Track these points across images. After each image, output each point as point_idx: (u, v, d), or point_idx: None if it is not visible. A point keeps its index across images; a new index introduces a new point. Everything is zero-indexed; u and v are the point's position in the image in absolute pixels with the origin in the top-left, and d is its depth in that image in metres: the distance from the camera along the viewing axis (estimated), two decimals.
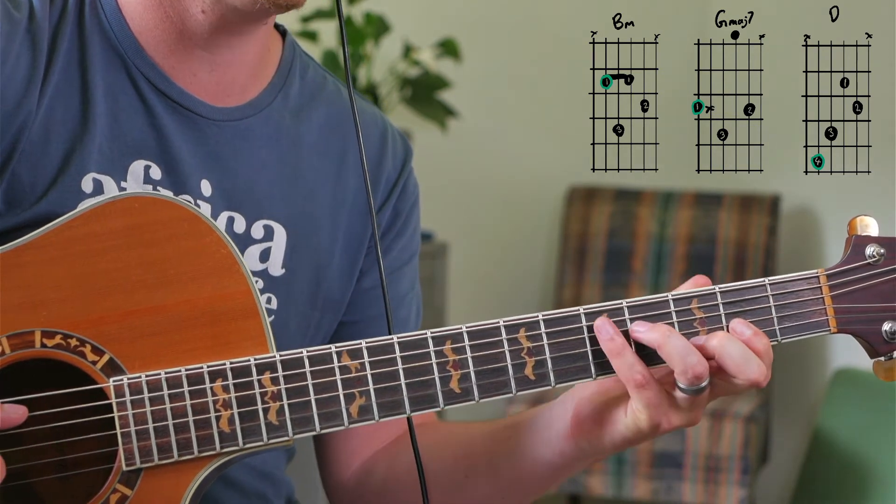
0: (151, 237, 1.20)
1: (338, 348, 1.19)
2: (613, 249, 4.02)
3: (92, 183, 1.28)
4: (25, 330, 1.16)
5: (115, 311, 1.18)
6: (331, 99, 1.44)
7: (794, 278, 1.26)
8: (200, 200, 1.33)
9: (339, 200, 1.41)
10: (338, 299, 1.42)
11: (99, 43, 1.30)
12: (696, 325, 1.23)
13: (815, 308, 1.26)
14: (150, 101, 1.31)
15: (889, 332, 1.26)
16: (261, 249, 1.36)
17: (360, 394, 1.19)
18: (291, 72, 1.41)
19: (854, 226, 1.28)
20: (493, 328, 1.21)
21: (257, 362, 1.18)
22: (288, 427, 1.18)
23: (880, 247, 1.27)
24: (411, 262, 1.48)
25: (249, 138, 1.35)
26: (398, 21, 3.76)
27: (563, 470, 1.33)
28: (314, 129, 1.41)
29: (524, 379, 1.21)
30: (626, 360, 1.21)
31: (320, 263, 1.40)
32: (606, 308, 1.23)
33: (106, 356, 1.17)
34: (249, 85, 1.37)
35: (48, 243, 1.18)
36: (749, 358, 1.20)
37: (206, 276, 1.20)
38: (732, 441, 3.57)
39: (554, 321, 1.22)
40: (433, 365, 1.20)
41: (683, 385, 1.20)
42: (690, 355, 1.19)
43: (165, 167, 1.31)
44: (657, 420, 1.22)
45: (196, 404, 1.17)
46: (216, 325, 1.20)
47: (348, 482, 1.46)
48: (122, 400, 1.16)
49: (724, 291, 1.24)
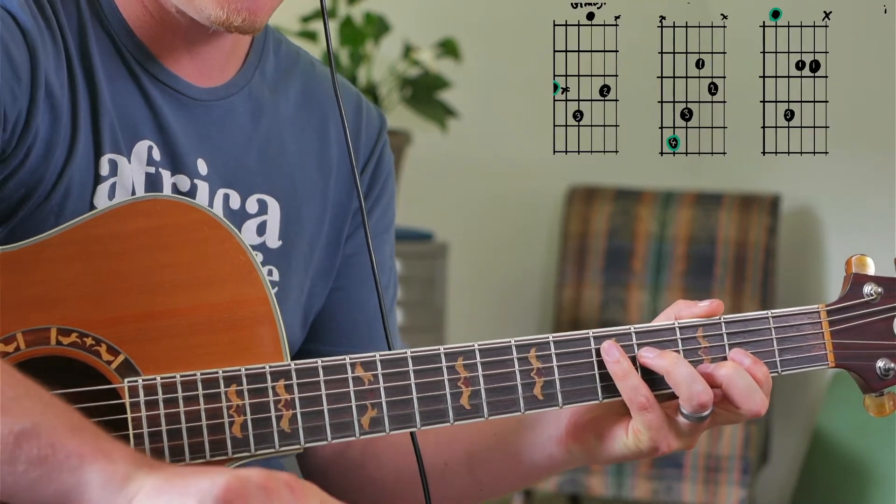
0: (171, 240, 1.20)
1: (352, 359, 1.20)
2: (613, 249, 4.02)
3: (108, 164, 1.28)
4: (41, 326, 1.16)
5: (132, 312, 1.18)
6: (305, 72, 1.46)
7: (796, 312, 1.30)
8: (198, 180, 1.33)
9: (326, 171, 1.43)
10: (328, 267, 1.44)
11: (93, 26, 1.31)
12: (700, 353, 1.26)
13: (815, 342, 1.30)
14: (143, 82, 1.32)
15: (883, 369, 1.30)
16: (257, 223, 1.37)
17: (372, 406, 1.20)
18: (265, 48, 1.43)
19: (851, 264, 1.32)
20: (505, 347, 1.23)
21: (272, 370, 1.18)
22: (300, 435, 1.18)
23: (877, 286, 1.31)
24: (389, 230, 1.50)
25: (234, 116, 1.37)
26: (398, 21, 3.77)
27: (548, 471, 1.35)
28: (291, 103, 1.43)
29: (533, 398, 1.23)
30: (631, 383, 1.24)
31: (312, 233, 1.41)
32: (615, 333, 1.25)
33: (121, 357, 1.17)
34: (227, 65, 1.38)
35: (68, 241, 1.18)
36: (754, 389, 1.24)
37: (224, 282, 1.20)
38: (732, 441, 3.57)
39: (563, 343, 1.25)
40: (445, 381, 1.21)
41: (687, 412, 1.23)
42: (696, 384, 1.22)
43: (163, 148, 1.32)
44: (657, 442, 1.25)
45: (210, 409, 1.17)
46: (232, 330, 1.20)
47: (323, 450, 1.46)
48: (135, 401, 1.15)
49: (728, 322, 1.28)
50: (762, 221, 3.94)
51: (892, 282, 1.32)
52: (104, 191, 1.27)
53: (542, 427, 1.33)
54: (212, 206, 1.33)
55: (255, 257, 1.22)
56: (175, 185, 1.32)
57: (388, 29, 3.68)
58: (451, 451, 1.39)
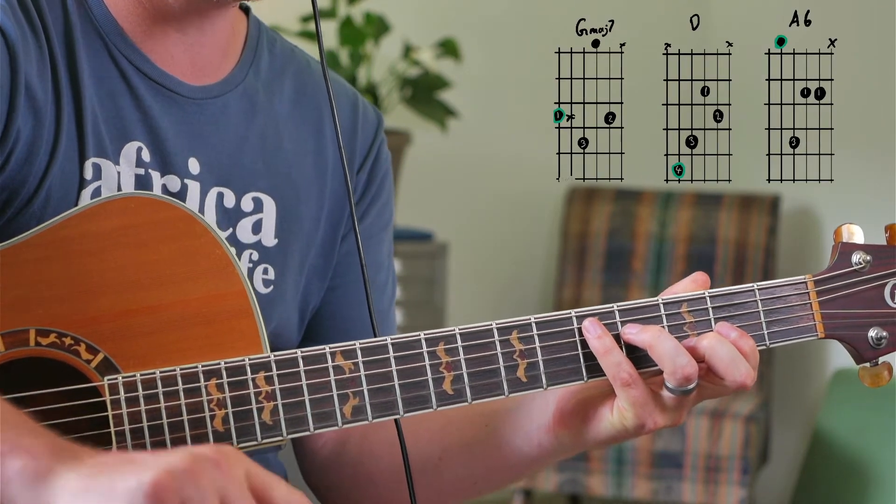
0: (147, 237, 1.20)
1: (332, 349, 1.19)
2: (613, 249, 4.02)
3: (92, 168, 1.28)
4: (20, 328, 1.16)
5: (110, 310, 1.18)
6: (300, 70, 1.46)
7: (782, 284, 1.28)
8: (189, 180, 1.33)
9: (321, 169, 1.43)
10: (324, 265, 1.44)
11: (81, 26, 1.30)
12: (685, 328, 1.25)
13: (803, 313, 1.28)
14: (133, 82, 1.32)
15: (875, 338, 1.29)
16: (252, 221, 1.37)
17: (353, 394, 1.19)
18: (259, 46, 1.42)
19: (840, 233, 1.31)
20: (486, 330, 1.22)
21: (252, 362, 1.18)
22: (282, 427, 1.18)
23: (866, 254, 1.29)
24: (387, 229, 1.50)
25: (228, 114, 1.37)
26: (398, 21, 3.76)
27: (539, 461, 1.34)
28: (286, 101, 1.43)
29: (516, 381, 1.22)
30: (614, 359, 1.22)
31: (309, 231, 1.41)
32: (598, 311, 1.24)
33: (100, 355, 1.17)
34: (222, 63, 1.38)
35: (44, 242, 1.18)
36: (737, 360, 1.22)
37: (201, 277, 1.20)
38: (732, 441, 3.58)
39: (546, 324, 1.24)
40: (426, 366, 1.21)
41: (672, 385, 1.22)
42: (680, 356, 1.21)
43: (153, 148, 1.32)
44: (643, 419, 1.23)
45: (190, 403, 1.16)
46: (211, 325, 1.20)
47: (321, 451, 1.47)
48: (116, 398, 1.15)
49: (713, 296, 1.26)
50: (762, 221, 3.94)
51: (882, 249, 1.30)
52: (87, 195, 1.27)
53: (530, 417, 1.32)
54: (204, 205, 1.33)
55: (232, 250, 1.22)
56: (165, 185, 1.31)
57: (388, 29, 3.67)
58: (445, 442, 1.39)
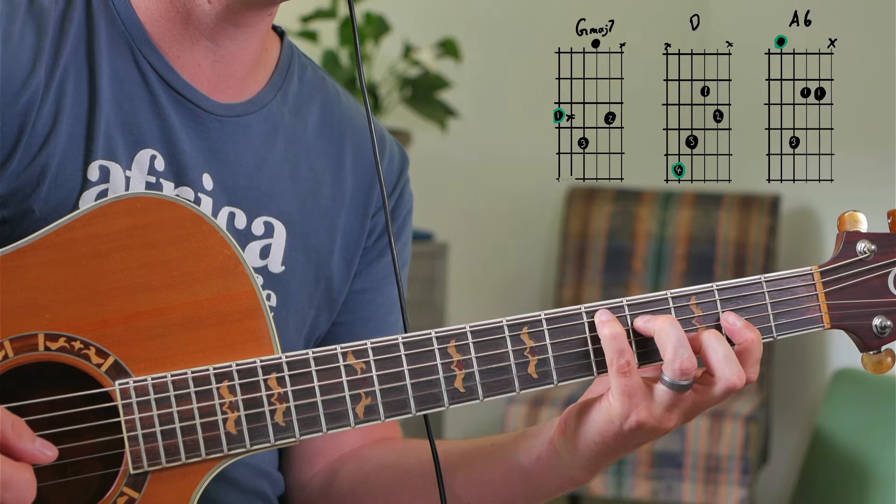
0: (155, 238, 1.19)
1: (343, 349, 1.19)
2: (613, 249, 4.02)
3: (98, 170, 1.28)
4: (29, 333, 1.15)
5: (119, 313, 1.17)
6: (328, 99, 1.45)
7: (789, 275, 1.28)
8: (202, 194, 1.33)
9: (338, 202, 1.42)
10: (334, 299, 1.43)
11: (106, 29, 1.30)
12: (694, 322, 1.25)
13: (810, 304, 1.28)
14: (155, 90, 1.31)
15: (879, 327, 1.29)
16: (261, 246, 1.36)
17: (365, 394, 1.19)
18: (290, 71, 1.42)
19: (844, 221, 1.31)
20: (497, 327, 1.22)
21: (263, 364, 1.18)
22: (295, 428, 1.18)
23: (871, 243, 1.29)
24: (404, 269, 1.49)
25: (249, 135, 1.36)
26: (398, 21, 3.76)
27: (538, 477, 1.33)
28: (310, 129, 1.42)
29: (527, 377, 1.23)
30: (618, 345, 1.22)
31: (319, 262, 1.40)
32: (608, 305, 1.25)
33: (111, 359, 1.16)
34: (248, 80, 1.37)
35: (50, 244, 1.17)
36: (731, 359, 1.22)
37: (210, 277, 1.20)
38: (732, 441, 3.57)
39: (556, 319, 1.24)
40: (438, 365, 1.21)
41: (668, 378, 1.21)
42: (683, 348, 1.21)
43: (168, 158, 1.31)
44: (628, 410, 1.22)
45: (203, 407, 1.16)
46: (221, 326, 1.19)
47: (311, 481, 1.46)
48: (128, 402, 1.15)
49: (721, 289, 1.26)
50: (762, 221, 3.94)
51: (886, 237, 1.30)
52: (91, 197, 1.27)
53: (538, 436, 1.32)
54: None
55: (240, 250, 1.21)
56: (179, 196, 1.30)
57: (388, 29, 3.67)
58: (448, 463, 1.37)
